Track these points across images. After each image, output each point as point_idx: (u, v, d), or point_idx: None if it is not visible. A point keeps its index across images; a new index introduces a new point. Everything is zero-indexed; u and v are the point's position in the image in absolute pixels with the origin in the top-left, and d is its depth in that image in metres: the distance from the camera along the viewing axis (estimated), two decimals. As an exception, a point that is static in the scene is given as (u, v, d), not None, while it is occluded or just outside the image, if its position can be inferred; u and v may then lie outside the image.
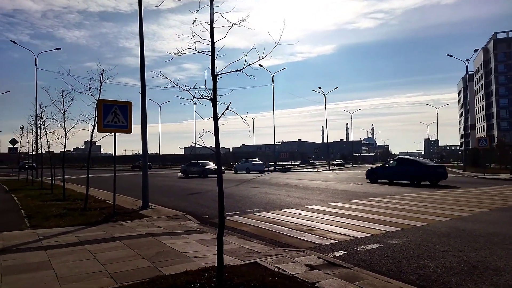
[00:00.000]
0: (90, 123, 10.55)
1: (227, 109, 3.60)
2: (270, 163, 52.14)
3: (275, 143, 53.31)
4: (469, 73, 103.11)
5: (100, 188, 18.12)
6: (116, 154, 11.38)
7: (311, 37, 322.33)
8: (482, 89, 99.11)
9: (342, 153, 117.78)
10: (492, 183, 21.94)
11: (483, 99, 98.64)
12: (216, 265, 4.70)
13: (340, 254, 5.96)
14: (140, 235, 7.24)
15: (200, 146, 3.75)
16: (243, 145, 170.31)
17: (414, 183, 20.01)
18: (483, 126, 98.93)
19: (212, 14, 3.70)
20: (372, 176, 22.68)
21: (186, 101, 4.18)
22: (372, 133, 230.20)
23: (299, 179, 26.41)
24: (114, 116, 9.91)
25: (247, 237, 7.19)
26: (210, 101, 3.71)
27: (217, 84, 3.70)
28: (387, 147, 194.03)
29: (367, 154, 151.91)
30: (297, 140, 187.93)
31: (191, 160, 36.81)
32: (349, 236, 7.24)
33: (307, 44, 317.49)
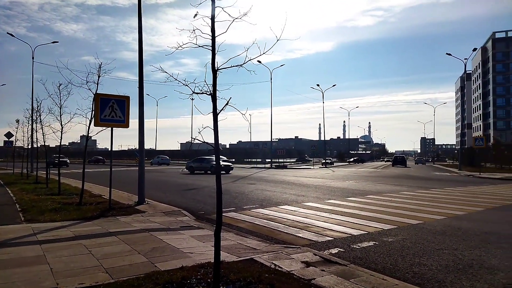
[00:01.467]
0: (86, 117, 10.48)
1: (227, 104, 3.58)
2: (267, 160, 52.22)
3: (273, 140, 53.26)
4: (467, 72, 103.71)
5: (95, 183, 18.05)
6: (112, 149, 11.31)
7: (310, 33, 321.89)
8: (479, 88, 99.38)
9: (339, 150, 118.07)
10: (488, 182, 22.06)
11: (480, 98, 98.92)
12: (212, 261, 4.70)
13: (336, 251, 5.97)
14: (136, 230, 7.22)
15: (198, 142, 3.72)
16: (240, 142, 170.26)
17: (207, 173, 29.88)
18: (480, 125, 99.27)
19: (213, 8, 3.66)
20: (189, 168, 31.63)
21: (184, 96, 4.15)
22: (369, 131, 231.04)
23: (296, 176, 26.44)
24: (111, 110, 9.84)
25: (243, 234, 7.18)
26: (210, 96, 3.69)
27: (217, 79, 3.67)
28: (383, 145, 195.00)
29: (364, 152, 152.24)
30: (294, 137, 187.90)
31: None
32: (345, 233, 7.25)
33: (306, 40, 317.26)
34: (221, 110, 3.55)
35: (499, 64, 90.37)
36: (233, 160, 67.76)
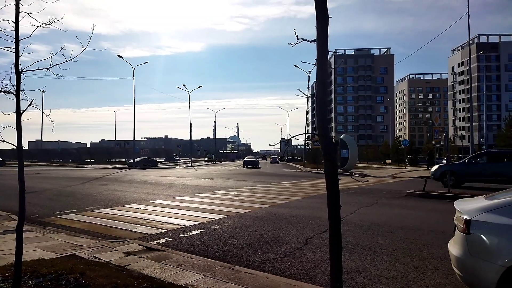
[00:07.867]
0: None
1: (30, 105, 3.78)
2: (136, 160, 49.83)
3: (142, 138, 51.19)
4: (316, 82, 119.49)
5: None
6: None
7: (181, 32, 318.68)
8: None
9: (209, 150, 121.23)
10: (319, 176, 26.23)
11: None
12: (27, 259, 4.75)
13: (164, 241, 6.59)
14: None
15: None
16: (103, 140, 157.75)
17: None
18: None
19: (17, 13, 3.81)
20: None
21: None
22: (237, 132, 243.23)
23: (156, 175, 26.33)
24: None
25: (75, 233, 7.16)
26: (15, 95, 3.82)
27: (20, 80, 3.83)
28: (249, 145, 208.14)
29: (231, 151, 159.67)
30: (164, 137, 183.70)
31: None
32: (180, 225, 7.95)
33: (176, 38, 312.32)
34: (24, 111, 3.73)
35: (339, 77, 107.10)
36: (93, 160, 62.22)
